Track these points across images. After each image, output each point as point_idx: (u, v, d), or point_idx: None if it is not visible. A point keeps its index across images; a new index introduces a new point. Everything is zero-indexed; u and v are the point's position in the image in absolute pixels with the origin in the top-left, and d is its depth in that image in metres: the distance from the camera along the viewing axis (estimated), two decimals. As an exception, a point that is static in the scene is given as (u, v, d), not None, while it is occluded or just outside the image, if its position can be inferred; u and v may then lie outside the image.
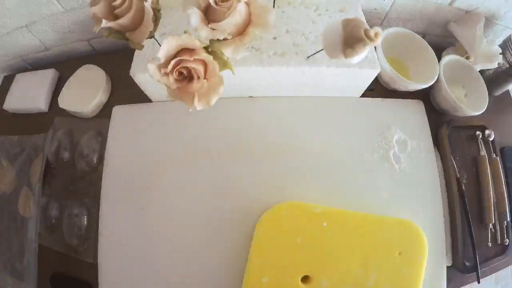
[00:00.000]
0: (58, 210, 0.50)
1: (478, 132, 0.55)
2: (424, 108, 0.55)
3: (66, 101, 0.55)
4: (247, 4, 0.33)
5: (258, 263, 0.43)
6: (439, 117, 0.56)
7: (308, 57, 0.45)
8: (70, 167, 0.53)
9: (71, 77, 0.57)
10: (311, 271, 0.43)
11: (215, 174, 0.50)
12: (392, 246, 0.45)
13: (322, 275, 0.43)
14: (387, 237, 0.45)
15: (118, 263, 0.46)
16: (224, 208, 0.47)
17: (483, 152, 0.53)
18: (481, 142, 0.54)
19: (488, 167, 0.52)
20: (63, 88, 0.56)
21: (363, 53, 0.35)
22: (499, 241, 0.50)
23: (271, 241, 0.44)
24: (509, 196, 0.51)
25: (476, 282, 0.48)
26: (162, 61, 0.32)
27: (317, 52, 0.44)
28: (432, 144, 0.53)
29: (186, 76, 0.33)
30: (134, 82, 0.48)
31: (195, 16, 0.32)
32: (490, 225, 0.50)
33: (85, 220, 0.49)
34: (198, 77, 0.32)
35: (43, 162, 0.50)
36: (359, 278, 0.43)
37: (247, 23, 0.34)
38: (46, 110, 0.58)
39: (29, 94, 0.58)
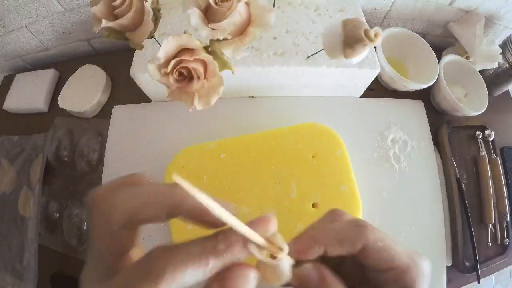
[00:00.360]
0: (58, 210, 0.50)
1: (478, 132, 0.55)
2: (424, 108, 0.55)
3: (66, 101, 0.55)
4: (247, 4, 0.33)
5: None
6: (439, 117, 0.56)
7: (308, 57, 0.45)
8: (70, 167, 0.53)
9: (71, 77, 0.57)
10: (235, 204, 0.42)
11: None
12: (303, 151, 0.44)
13: (240, 203, 0.42)
14: (295, 145, 0.45)
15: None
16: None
17: (483, 152, 0.53)
18: (481, 142, 0.54)
19: (488, 167, 0.52)
20: (63, 88, 0.56)
21: (363, 54, 0.35)
22: (499, 241, 0.50)
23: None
24: (509, 196, 0.51)
25: (476, 282, 0.48)
26: (162, 61, 0.32)
27: (317, 52, 0.44)
28: (432, 144, 0.53)
29: (186, 76, 0.33)
30: (134, 82, 0.48)
31: (195, 16, 0.32)
32: (490, 225, 0.50)
33: (85, 220, 0.49)
34: (198, 77, 0.32)
35: (43, 162, 0.50)
36: (279, 193, 0.43)
37: (247, 23, 0.34)
38: (46, 110, 0.58)
39: (29, 94, 0.58)
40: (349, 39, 0.34)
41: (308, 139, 0.45)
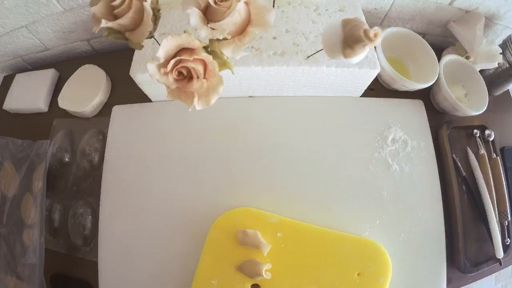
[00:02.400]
0: (61, 213, 0.50)
1: (475, 131, 0.55)
2: (424, 108, 0.55)
3: (66, 101, 0.55)
4: (247, 3, 0.33)
5: (208, 265, 0.43)
6: (439, 117, 0.56)
7: (308, 57, 0.45)
8: (72, 167, 0.53)
9: (71, 77, 0.57)
10: (261, 281, 0.42)
11: (215, 173, 0.50)
12: (351, 266, 0.43)
13: (271, 286, 0.42)
14: (346, 255, 0.43)
15: (118, 263, 0.46)
16: (222, 208, 0.47)
17: (482, 151, 0.53)
18: (480, 141, 0.54)
19: (489, 166, 0.52)
20: (63, 88, 0.56)
21: (363, 54, 0.35)
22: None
23: (223, 245, 0.43)
24: (509, 196, 0.51)
25: (476, 282, 0.48)
26: (161, 60, 0.32)
27: (316, 52, 0.44)
28: (432, 144, 0.53)
29: (186, 76, 0.33)
30: (134, 82, 0.48)
31: (194, 15, 0.32)
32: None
33: (90, 219, 0.49)
34: (198, 77, 0.32)
35: (45, 171, 0.50)
36: None
37: (246, 23, 0.34)
38: (46, 110, 0.58)
39: (29, 94, 0.58)
40: (349, 39, 0.34)
41: (361, 255, 0.44)
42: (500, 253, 0.47)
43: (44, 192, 0.49)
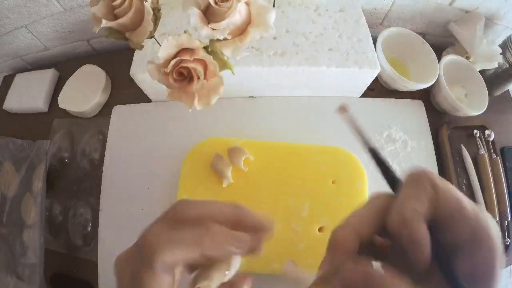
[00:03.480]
0: (61, 213, 0.50)
1: (476, 131, 0.55)
2: (424, 108, 0.55)
3: (66, 101, 0.55)
4: (247, 4, 0.33)
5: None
6: (439, 117, 0.56)
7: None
8: (72, 167, 0.53)
9: (71, 77, 0.57)
10: (241, 200, 0.42)
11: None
12: (325, 175, 0.44)
13: (249, 206, 0.42)
14: (318, 166, 0.44)
15: (118, 263, 0.46)
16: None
17: (483, 151, 0.53)
18: (480, 141, 0.54)
19: (489, 166, 0.52)
20: (63, 88, 0.56)
21: None
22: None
23: (196, 179, 0.44)
24: (509, 196, 0.51)
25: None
26: (162, 61, 0.32)
27: None
28: (432, 144, 0.53)
29: (186, 76, 0.33)
30: (134, 82, 0.48)
31: (195, 16, 0.32)
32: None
33: (90, 219, 0.49)
34: (198, 77, 0.32)
35: (45, 171, 0.50)
36: (290, 208, 0.42)
37: (247, 23, 0.34)
38: (46, 110, 0.58)
39: (29, 94, 0.58)
40: None
41: (332, 163, 0.45)
42: None
43: (44, 192, 0.49)
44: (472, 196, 0.52)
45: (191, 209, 0.21)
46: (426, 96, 0.57)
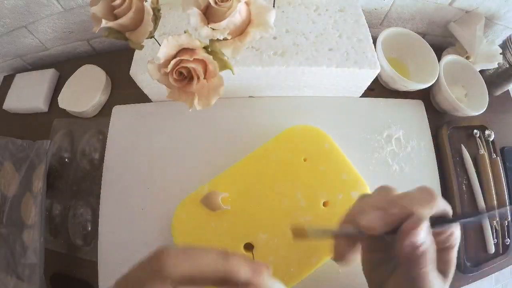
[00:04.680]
0: (61, 213, 0.50)
1: (476, 131, 0.55)
2: (424, 108, 0.55)
3: (66, 101, 0.55)
4: (247, 4, 0.33)
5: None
6: (439, 117, 0.56)
7: None
8: (72, 167, 0.53)
9: (71, 77, 0.57)
10: (247, 238, 0.41)
11: (215, 173, 0.49)
12: (293, 159, 0.44)
13: (257, 230, 0.41)
14: (282, 155, 0.44)
15: (118, 263, 0.46)
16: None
17: (482, 150, 0.53)
18: (479, 140, 0.54)
19: (489, 166, 0.52)
20: (63, 88, 0.56)
21: None
22: (499, 241, 0.50)
23: (190, 224, 0.42)
24: (509, 196, 0.51)
25: (476, 282, 0.48)
26: (162, 61, 0.32)
27: None
28: (432, 144, 0.53)
29: (186, 76, 0.33)
30: (134, 82, 0.48)
31: (195, 16, 0.32)
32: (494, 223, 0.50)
33: (90, 219, 0.49)
34: (198, 77, 0.32)
35: (45, 171, 0.50)
36: (288, 207, 0.42)
37: (247, 23, 0.34)
38: (46, 110, 0.58)
39: (29, 94, 0.58)
40: None
41: (294, 143, 0.45)
42: (491, 249, 0.49)
43: (44, 192, 0.49)
44: (472, 196, 0.52)
45: (178, 265, 0.20)
46: (426, 96, 0.57)
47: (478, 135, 0.54)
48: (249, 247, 0.41)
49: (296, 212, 0.42)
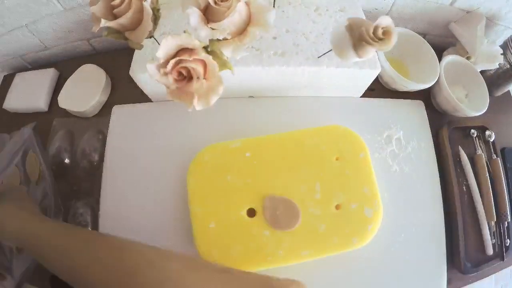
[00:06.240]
0: (61, 213, 0.50)
1: (472, 131, 0.54)
2: (424, 108, 0.55)
3: (66, 101, 0.55)
4: (247, 4, 0.33)
5: (199, 212, 0.43)
6: (439, 117, 0.56)
7: (319, 56, 0.46)
8: (72, 167, 0.53)
9: (71, 77, 0.57)
10: (252, 203, 0.42)
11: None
12: (326, 154, 0.45)
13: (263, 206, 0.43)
14: (319, 146, 0.45)
15: (117, 263, 0.46)
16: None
17: (479, 151, 0.53)
18: (477, 141, 0.54)
19: (486, 165, 0.52)
20: (63, 88, 0.56)
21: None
22: (499, 242, 0.50)
23: (204, 187, 0.44)
24: (509, 196, 0.51)
25: (476, 282, 0.48)
26: (161, 61, 0.32)
27: (327, 52, 0.44)
28: (432, 144, 0.53)
29: (186, 76, 0.33)
30: (134, 82, 0.48)
31: (194, 15, 0.32)
32: (493, 223, 0.50)
33: (90, 219, 0.49)
34: (198, 77, 0.32)
35: (38, 158, 0.49)
36: (303, 193, 0.43)
37: (246, 23, 0.34)
38: (46, 109, 0.58)
39: (29, 94, 0.58)
40: (359, 42, 0.35)
41: (332, 141, 0.46)
42: (489, 250, 0.49)
43: (49, 182, 0.48)
44: (470, 196, 0.52)
45: None
46: (427, 96, 0.57)
47: (475, 135, 0.54)
48: (251, 212, 0.42)
49: (309, 201, 0.43)
